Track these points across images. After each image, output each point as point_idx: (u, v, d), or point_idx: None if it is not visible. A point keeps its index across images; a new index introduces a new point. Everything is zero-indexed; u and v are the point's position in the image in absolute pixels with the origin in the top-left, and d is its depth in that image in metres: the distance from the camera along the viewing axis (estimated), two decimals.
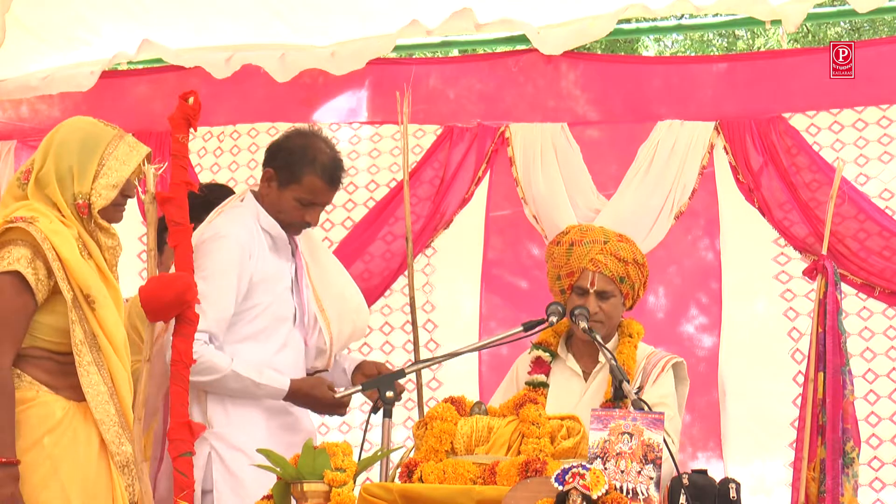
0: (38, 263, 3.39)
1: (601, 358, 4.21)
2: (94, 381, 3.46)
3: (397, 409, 5.34)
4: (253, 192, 4.32)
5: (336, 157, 4.29)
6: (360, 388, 3.99)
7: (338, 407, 4.21)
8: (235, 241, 4.11)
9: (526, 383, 4.18)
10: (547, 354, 4.28)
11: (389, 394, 3.80)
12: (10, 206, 3.54)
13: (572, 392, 4.19)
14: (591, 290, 4.18)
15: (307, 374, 4.33)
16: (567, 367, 4.27)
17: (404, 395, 5.30)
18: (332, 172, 4.25)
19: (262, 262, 4.18)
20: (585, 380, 4.24)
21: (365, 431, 3.95)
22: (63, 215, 3.51)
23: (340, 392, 4.12)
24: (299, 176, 4.20)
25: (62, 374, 3.47)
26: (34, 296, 3.40)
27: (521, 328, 4.13)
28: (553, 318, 4.05)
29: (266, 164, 4.31)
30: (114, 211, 3.60)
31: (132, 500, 3.49)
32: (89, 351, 3.46)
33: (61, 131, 3.60)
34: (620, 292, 4.21)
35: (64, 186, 3.51)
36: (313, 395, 4.14)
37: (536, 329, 4.14)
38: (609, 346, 4.20)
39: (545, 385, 4.17)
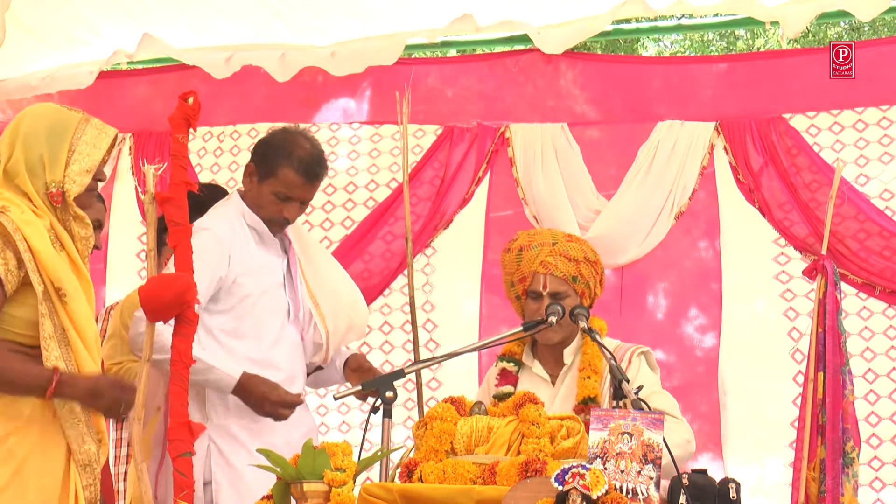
0: (7, 254, 3.27)
1: (566, 360, 4.19)
2: None
3: (397, 409, 5.34)
4: (239, 191, 4.35)
5: (315, 153, 4.28)
6: (359, 387, 3.98)
7: (285, 407, 4.13)
8: (213, 234, 4.12)
9: (494, 396, 4.16)
10: (512, 365, 4.25)
11: (390, 394, 3.78)
12: None
13: (542, 398, 4.15)
14: (545, 293, 4.15)
15: (307, 371, 4.34)
16: (534, 374, 4.24)
17: (404, 395, 5.31)
18: (307, 166, 4.24)
19: (248, 255, 4.19)
20: (553, 384, 4.22)
21: (364, 431, 3.94)
22: (35, 205, 3.39)
23: (341, 392, 4.10)
24: (275, 169, 4.22)
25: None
26: (3, 287, 3.28)
27: (520, 328, 4.12)
28: (553, 319, 4.04)
29: (250, 159, 4.35)
30: (88, 197, 3.50)
31: (90, 499, 3.37)
32: (58, 346, 3.31)
33: (26, 120, 3.47)
34: (575, 291, 4.17)
35: (35, 176, 3.38)
36: (262, 390, 4.08)
37: (536, 329, 4.13)
38: (572, 347, 4.18)
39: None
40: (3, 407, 3.27)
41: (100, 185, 3.58)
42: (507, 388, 4.17)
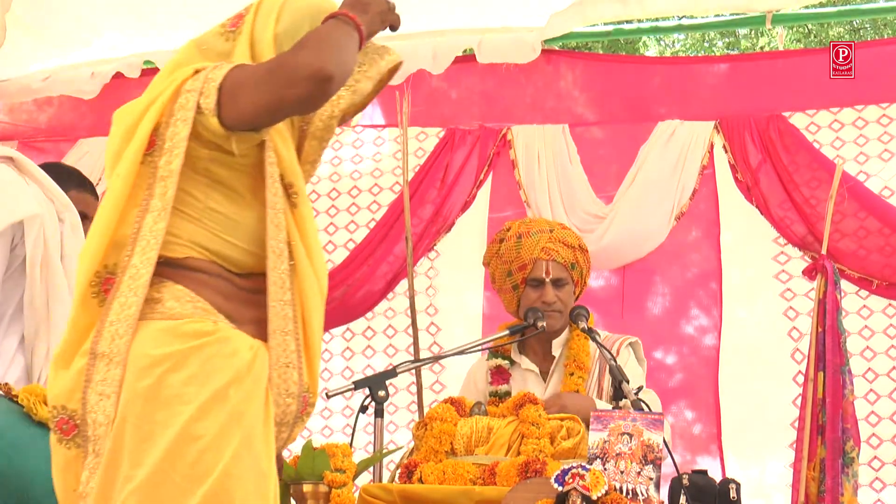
0: None
1: (555, 352, 4.17)
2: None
3: (401, 412, 5.35)
4: None
5: None
6: (352, 385, 3.94)
7: None
8: None
9: (490, 394, 4.14)
10: (506, 362, 4.22)
11: (382, 393, 3.76)
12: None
13: (535, 393, 4.13)
14: (548, 280, 4.13)
15: None
16: (524, 370, 4.21)
17: (408, 398, 5.31)
18: None
19: None
20: (544, 379, 4.20)
21: (354, 430, 3.93)
22: None
23: (332, 390, 4.04)
24: None
25: (245, 302, 2.59)
26: None
27: (507, 332, 4.10)
28: (542, 325, 4.02)
29: None
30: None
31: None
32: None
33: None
34: (572, 279, 4.16)
35: None
36: None
37: (526, 335, 4.10)
38: (561, 339, 4.16)
39: (510, 395, 4.10)
40: (217, 346, 2.50)
41: None
42: (504, 388, 4.14)
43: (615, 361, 3.74)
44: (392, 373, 3.94)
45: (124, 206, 2.50)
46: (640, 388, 3.63)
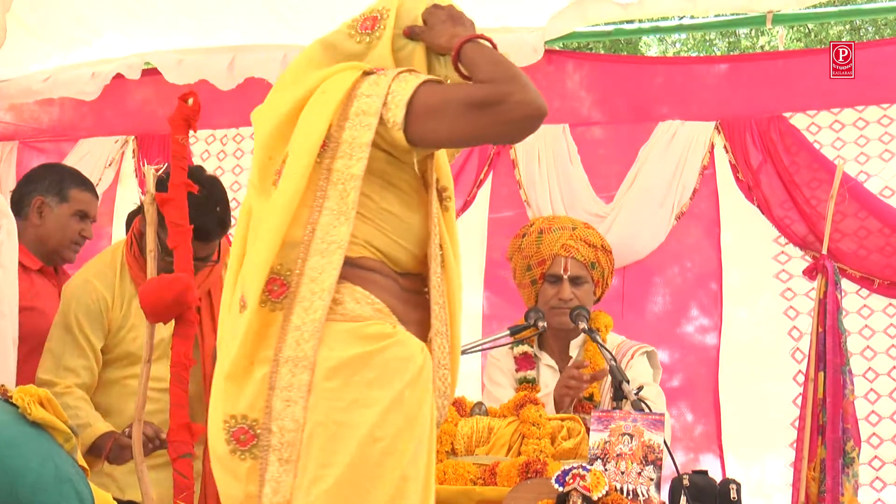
0: None
1: (572, 352, 4.20)
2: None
3: None
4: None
5: None
6: None
7: None
8: None
9: (519, 380, 4.17)
10: (532, 349, 4.26)
11: None
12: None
13: (551, 388, 4.17)
14: (565, 276, 4.15)
15: None
16: (544, 365, 4.25)
17: None
18: None
19: None
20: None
21: None
22: None
23: None
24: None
25: (408, 303, 2.60)
26: None
27: (507, 332, 4.11)
28: (542, 324, 4.03)
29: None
30: None
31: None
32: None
33: None
34: (592, 279, 4.19)
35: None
36: None
37: (529, 334, 4.12)
38: (578, 339, 4.18)
39: (535, 381, 4.15)
40: (396, 349, 2.51)
41: None
42: (532, 374, 4.18)
43: (615, 362, 3.75)
44: None
45: (297, 207, 2.49)
46: (640, 388, 3.64)
